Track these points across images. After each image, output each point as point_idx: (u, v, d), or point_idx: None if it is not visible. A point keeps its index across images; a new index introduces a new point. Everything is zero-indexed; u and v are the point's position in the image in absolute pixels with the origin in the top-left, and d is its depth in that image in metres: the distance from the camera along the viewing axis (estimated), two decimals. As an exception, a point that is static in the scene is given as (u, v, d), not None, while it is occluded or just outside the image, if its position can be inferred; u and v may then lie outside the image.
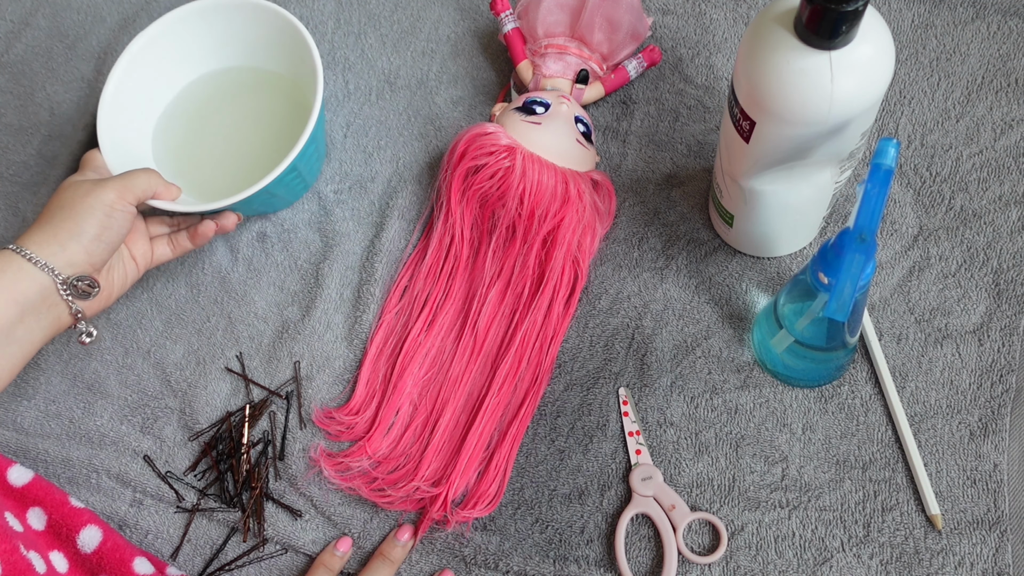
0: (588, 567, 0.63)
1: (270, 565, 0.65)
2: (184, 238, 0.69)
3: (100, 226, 0.60)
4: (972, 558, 0.61)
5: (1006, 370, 0.66)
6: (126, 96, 0.73)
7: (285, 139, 0.73)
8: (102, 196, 0.61)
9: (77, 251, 0.59)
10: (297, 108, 0.75)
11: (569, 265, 0.69)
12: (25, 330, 0.58)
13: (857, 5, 0.47)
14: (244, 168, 0.74)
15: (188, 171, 0.74)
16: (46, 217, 0.61)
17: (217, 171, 0.75)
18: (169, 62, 0.75)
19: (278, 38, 0.73)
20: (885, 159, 0.49)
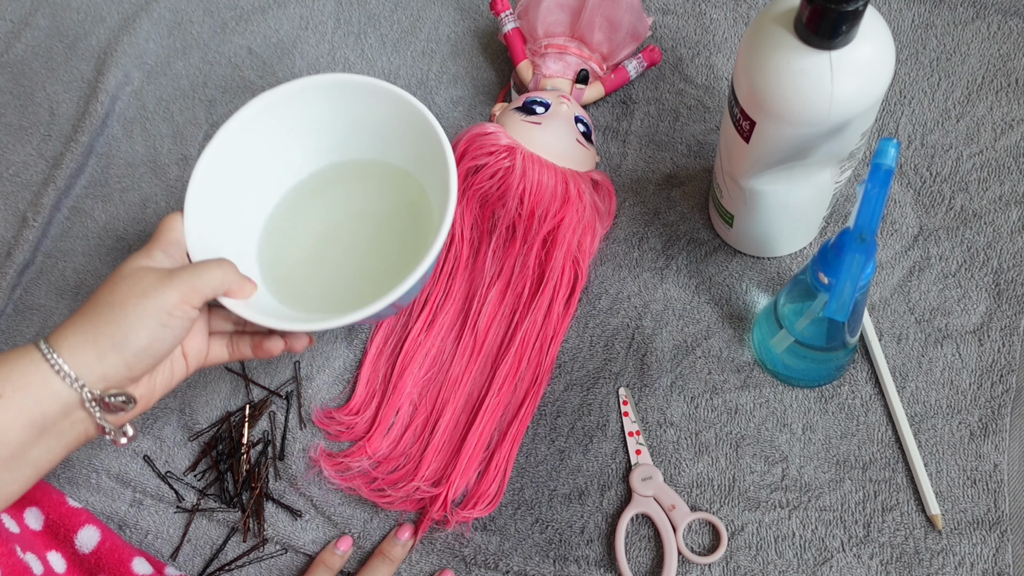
0: (588, 567, 0.63)
1: (270, 565, 0.65)
2: (246, 345, 0.59)
3: (151, 337, 0.50)
4: (972, 558, 0.61)
5: (1006, 370, 0.66)
6: (222, 171, 0.61)
7: (395, 240, 0.64)
8: (161, 300, 0.50)
9: (116, 364, 0.49)
10: (406, 202, 0.65)
11: (569, 265, 0.69)
12: (42, 450, 0.49)
13: (857, 5, 0.47)
14: (343, 274, 0.64)
15: (277, 270, 0.63)
16: (91, 310, 0.50)
17: (311, 273, 0.64)
18: (275, 141, 0.64)
19: (399, 127, 0.62)
20: (885, 159, 0.49)
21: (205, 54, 0.83)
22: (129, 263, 0.52)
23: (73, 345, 0.48)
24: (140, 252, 0.54)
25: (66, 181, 0.78)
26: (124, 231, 0.76)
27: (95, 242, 0.76)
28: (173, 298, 0.50)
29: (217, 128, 0.79)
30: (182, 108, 0.81)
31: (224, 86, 0.81)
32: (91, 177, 0.79)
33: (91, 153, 0.80)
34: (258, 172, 0.63)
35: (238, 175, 0.61)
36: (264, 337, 0.58)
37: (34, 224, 0.76)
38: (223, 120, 0.80)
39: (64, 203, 0.78)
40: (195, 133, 0.80)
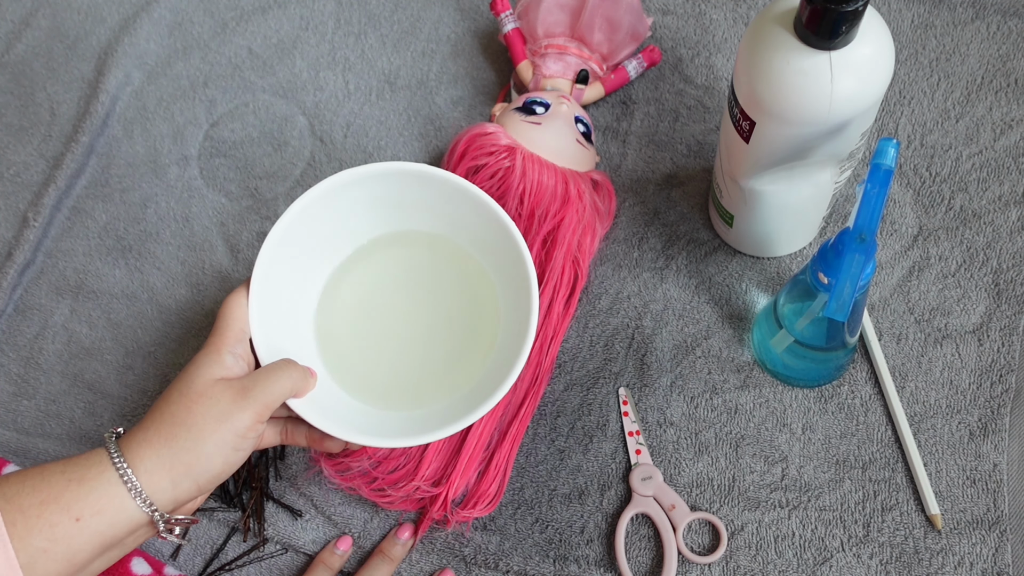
0: (588, 567, 0.63)
1: (270, 565, 0.65)
2: (300, 435, 0.56)
3: (225, 464, 0.49)
4: (972, 558, 0.61)
5: (1006, 370, 0.66)
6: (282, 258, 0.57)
7: (455, 322, 0.62)
8: (238, 424, 0.49)
9: (190, 490, 0.48)
10: (466, 282, 0.63)
11: (569, 265, 0.69)
12: (104, 560, 0.49)
13: (857, 5, 0.47)
14: (402, 359, 0.61)
15: (334, 348, 0.61)
16: (168, 429, 0.48)
17: (368, 355, 0.62)
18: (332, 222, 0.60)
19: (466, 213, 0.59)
20: (885, 159, 0.49)
21: (205, 54, 0.83)
22: (202, 372, 0.50)
23: (149, 469, 0.47)
24: (209, 352, 0.51)
25: (67, 181, 0.78)
26: (124, 231, 0.77)
27: (96, 242, 0.76)
28: (248, 421, 0.49)
29: (217, 128, 0.80)
30: (182, 108, 0.81)
31: (224, 86, 0.81)
32: (91, 177, 0.79)
33: (91, 153, 0.80)
34: (315, 254, 0.61)
35: (297, 258, 0.58)
36: (323, 434, 0.55)
37: (35, 224, 0.76)
38: (223, 120, 0.80)
39: (65, 203, 0.78)
40: (195, 133, 0.80)
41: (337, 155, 0.78)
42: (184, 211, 0.77)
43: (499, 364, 0.57)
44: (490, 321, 0.61)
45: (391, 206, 0.60)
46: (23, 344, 0.73)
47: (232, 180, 0.78)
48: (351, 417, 0.57)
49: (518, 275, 0.56)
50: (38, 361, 0.72)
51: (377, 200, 0.60)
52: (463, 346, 0.60)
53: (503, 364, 0.55)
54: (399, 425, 0.57)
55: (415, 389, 0.60)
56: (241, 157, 0.79)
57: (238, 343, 0.52)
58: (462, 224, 0.61)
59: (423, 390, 0.60)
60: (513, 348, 0.55)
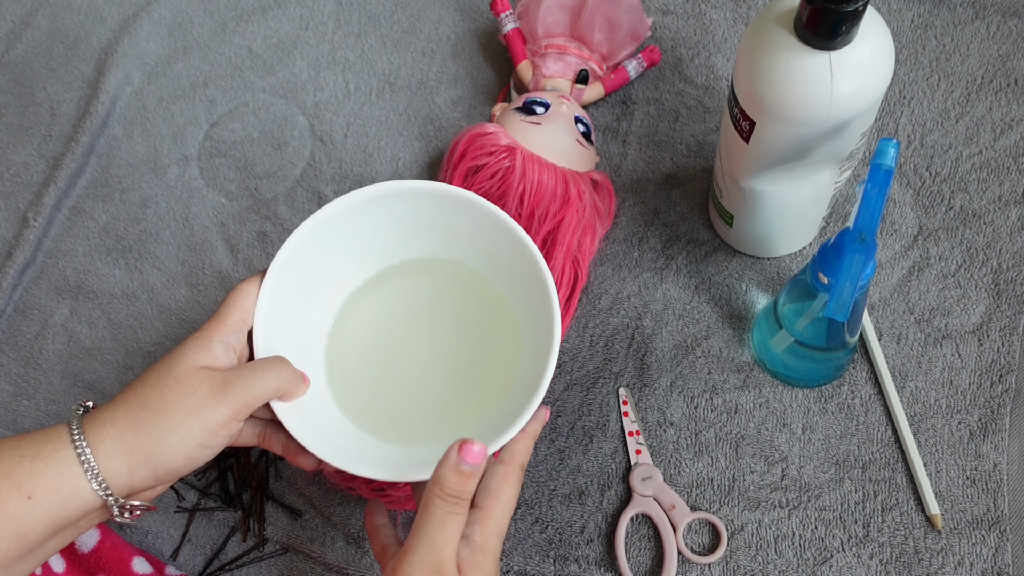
0: (588, 567, 0.63)
1: (270, 565, 0.65)
2: (277, 443, 0.53)
3: (187, 459, 0.46)
4: (972, 558, 0.61)
5: (1006, 370, 0.66)
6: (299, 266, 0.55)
7: (471, 351, 0.59)
8: (210, 419, 0.46)
9: (146, 479, 0.46)
10: (483, 308, 0.60)
11: (569, 265, 0.69)
12: (57, 542, 0.46)
13: (857, 5, 0.47)
14: (412, 387, 0.59)
15: (343, 372, 0.59)
16: (136, 410, 0.46)
17: (377, 382, 0.59)
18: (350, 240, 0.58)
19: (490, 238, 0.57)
20: (885, 159, 0.49)
21: (205, 54, 0.83)
22: (186, 357, 0.47)
23: (108, 451, 0.45)
24: (199, 338, 0.49)
25: (67, 181, 0.78)
26: (124, 231, 0.77)
27: (96, 242, 0.76)
28: (221, 417, 0.46)
29: (217, 128, 0.80)
30: (182, 108, 0.81)
31: (224, 86, 0.81)
32: (91, 177, 0.79)
33: (91, 153, 0.80)
34: (331, 270, 0.58)
35: (315, 267, 0.57)
36: (299, 447, 0.52)
37: (35, 224, 0.76)
38: (223, 120, 0.80)
39: (65, 203, 0.78)
40: (195, 133, 0.80)
41: (337, 155, 0.78)
42: (184, 211, 0.77)
43: (510, 409, 0.53)
44: (509, 360, 0.58)
45: (424, 229, 0.58)
46: (23, 344, 0.73)
47: (232, 180, 0.78)
48: (336, 438, 0.54)
49: (543, 314, 0.54)
50: (38, 361, 0.72)
51: (411, 220, 0.57)
52: (476, 383, 0.58)
53: (513, 409, 0.52)
54: (387, 457, 0.54)
55: (419, 423, 0.57)
56: (241, 157, 0.79)
57: (234, 332, 0.50)
58: (493, 257, 0.58)
59: (427, 425, 0.57)
60: (526, 393, 0.51)
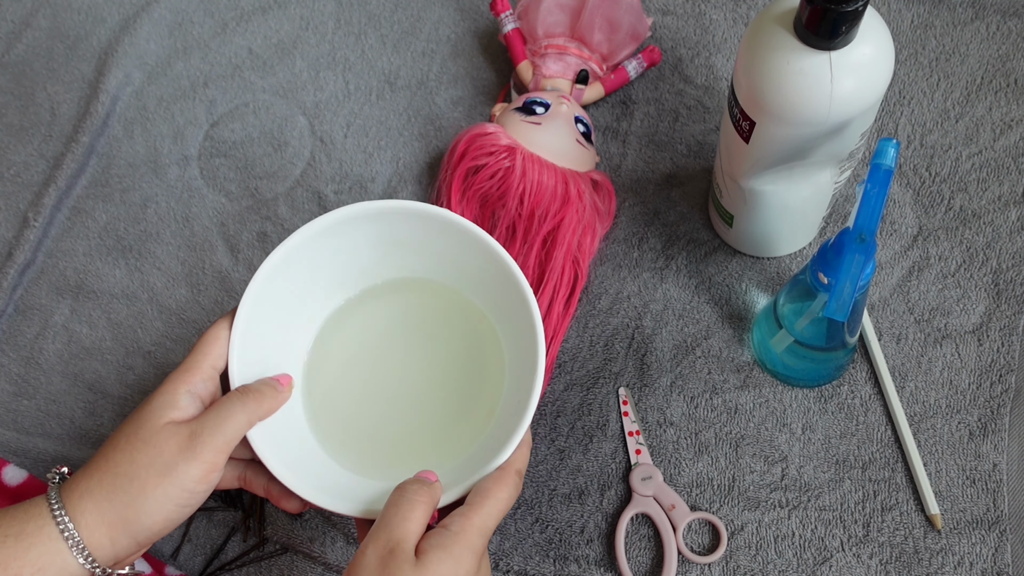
0: (588, 567, 0.63)
1: (270, 565, 0.65)
2: (260, 485, 0.52)
3: (167, 521, 0.45)
4: (971, 558, 0.61)
5: (1005, 370, 0.66)
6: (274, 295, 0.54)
7: (454, 377, 0.58)
8: (184, 478, 0.45)
9: (128, 547, 0.45)
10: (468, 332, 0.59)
11: (569, 265, 0.69)
12: None
13: (857, 5, 0.47)
14: (394, 419, 0.57)
15: (321, 404, 0.57)
16: (110, 479, 0.45)
17: (357, 413, 0.57)
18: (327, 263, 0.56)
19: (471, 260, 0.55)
20: (885, 159, 0.49)
21: (205, 54, 0.83)
22: (151, 415, 0.46)
23: (89, 524, 0.44)
24: (164, 392, 0.48)
25: (67, 181, 0.78)
26: (125, 231, 0.77)
27: (96, 242, 0.76)
28: (196, 473, 0.45)
29: (217, 128, 0.80)
30: (182, 108, 0.81)
31: (224, 86, 0.81)
32: (92, 177, 0.79)
33: (92, 153, 0.80)
34: (311, 295, 0.57)
35: (290, 296, 0.55)
36: (283, 491, 0.50)
37: (35, 224, 0.76)
38: (223, 120, 0.80)
39: (65, 203, 0.78)
40: (195, 133, 0.80)
41: (337, 155, 0.78)
42: (184, 211, 0.77)
43: (496, 434, 0.51)
44: (494, 381, 0.56)
45: (399, 249, 0.57)
46: (23, 344, 0.73)
47: (232, 180, 0.78)
48: (321, 476, 0.52)
49: (525, 332, 0.52)
50: (38, 361, 0.72)
51: (389, 240, 0.56)
52: (461, 408, 0.57)
53: (500, 435, 0.50)
54: (376, 493, 0.51)
55: (404, 454, 0.55)
56: (241, 157, 0.79)
57: (203, 381, 0.49)
58: (473, 277, 0.57)
59: (412, 456, 0.55)
60: (513, 417, 0.50)
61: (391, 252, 0.57)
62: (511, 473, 0.49)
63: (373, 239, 0.56)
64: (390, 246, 0.57)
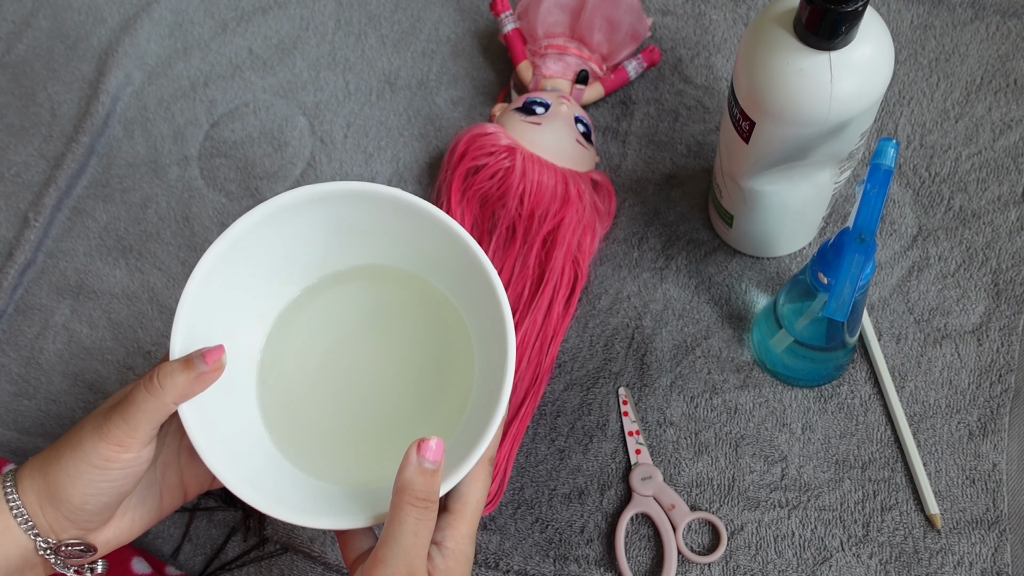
0: (588, 566, 0.63)
1: (270, 565, 0.65)
2: None
3: (86, 494, 0.45)
4: (971, 557, 0.61)
5: (1005, 370, 0.66)
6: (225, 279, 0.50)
7: (420, 373, 0.54)
8: (92, 455, 0.45)
9: (57, 518, 0.46)
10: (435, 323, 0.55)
11: (569, 265, 0.69)
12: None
13: (857, 5, 0.47)
14: (353, 419, 0.54)
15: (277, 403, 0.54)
16: (41, 460, 0.47)
17: (315, 413, 0.54)
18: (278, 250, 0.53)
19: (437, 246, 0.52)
20: (885, 159, 0.49)
21: (205, 54, 0.83)
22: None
23: (28, 498, 0.46)
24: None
25: (67, 181, 0.78)
26: (125, 231, 0.77)
27: (96, 242, 0.76)
28: (105, 451, 0.45)
29: (217, 128, 0.80)
30: (183, 108, 0.81)
31: (224, 86, 0.81)
32: (92, 177, 0.79)
33: (92, 153, 0.80)
34: (262, 282, 0.53)
35: (237, 291, 0.52)
36: None
37: (35, 224, 0.76)
38: (224, 120, 0.80)
39: (65, 203, 0.78)
40: (196, 133, 0.80)
41: (337, 155, 0.78)
42: (184, 211, 0.77)
43: (469, 427, 0.49)
44: (463, 376, 0.53)
45: (356, 235, 0.53)
46: (24, 344, 0.73)
47: (232, 180, 0.78)
48: (287, 486, 0.49)
49: (494, 324, 0.49)
50: (38, 361, 0.72)
51: (341, 226, 0.52)
52: (430, 406, 0.53)
53: (472, 427, 0.48)
54: (347, 500, 0.48)
55: (373, 456, 0.52)
56: (241, 157, 0.79)
57: None
58: (433, 260, 0.53)
59: (382, 457, 0.51)
60: (486, 411, 0.47)
61: (344, 239, 0.53)
62: (484, 465, 0.47)
63: (323, 225, 0.52)
64: (343, 232, 0.53)
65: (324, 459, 0.52)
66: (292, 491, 0.49)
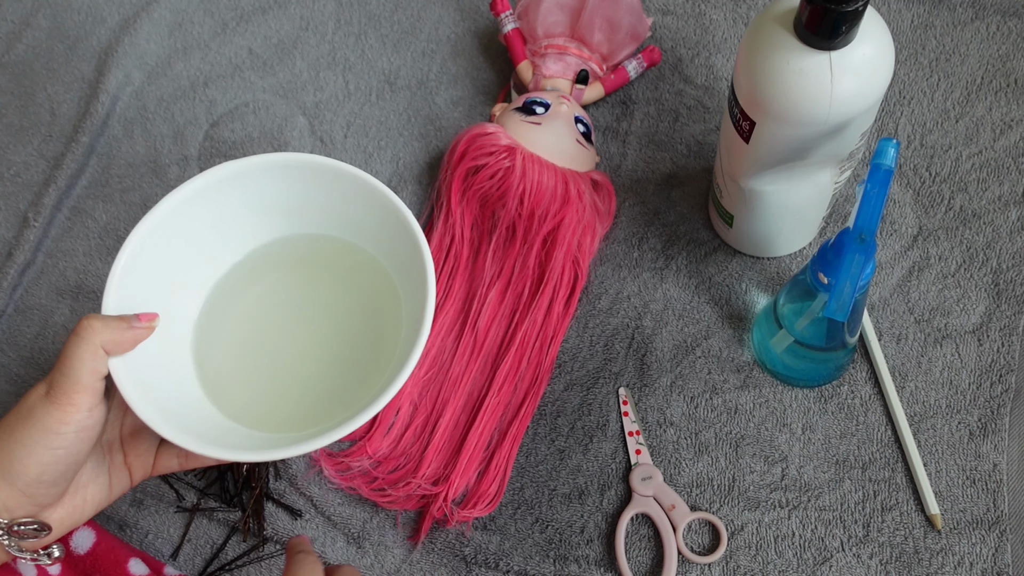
0: (588, 567, 0.63)
1: (270, 565, 0.65)
2: (171, 456, 0.54)
3: (40, 464, 0.45)
4: (971, 558, 0.61)
5: (1005, 370, 0.66)
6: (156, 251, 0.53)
7: (353, 333, 0.57)
8: (41, 421, 0.45)
9: (12, 495, 0.45)
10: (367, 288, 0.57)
11: (569, 265, 0.69)
12: None
13: (857, 5, 0.47)
14: (287, 374, 0.56)
15: (212, 364, 0.56)
16: (0, 429, 0.47)
17: (249, 371, 0.56)
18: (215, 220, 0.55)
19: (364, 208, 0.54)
20: (885, 159, 0.49)
21: (205, 54, 0.83)
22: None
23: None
24: None
25: (67, 181, 0.78)
26: (125, 231, 0.77)
27: (96, 242, 0.76)
28: (56, 412, 0.45)
29: (217, 128, 0.80)
30: (182, 108, 0.81)
31: (224, 86, 0.81)
32: (92, 177, 0.79)
33: (92, 153, 0.80)
34: (196, 253, 0.55)
35: (174, 255, 0.54)
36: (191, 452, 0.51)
37: (35, 224, 0.76)
38: (223, 120, 0.80)
39: (65, 203, 0.78)
40: (195, 133, 0.80)
41: (337, 155, 0.78)
42: (184, 211, 0.77)
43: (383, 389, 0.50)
44: (391, 338, 0.54)
45: (286, 206, 0.55)
46: (23, 344, 0.73)
47: (232, 180, 0.78)
48: (220, 434, 0.51)
49: (419, 284, 0.51)
50: (38, 361, 0.72)
51: (268, 199, 0.54)
52: (363, 366, 0.55)
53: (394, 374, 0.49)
54: (271, 441, 0.51)
55: (303, 411, 0.54)
56: (241, 157, 0.78)
57: None
58: (364, 226, 0.55)
59: (311, 413, 0.54)
60: (404, 355, 0.49)
61: (287, 211, 0.56)
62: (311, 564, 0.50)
63: (253, 198, 0.54)
64: (273, 204, 0.55)
65: (257, 415, 0.54)
66: (225, 437, 0.51)
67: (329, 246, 0.57)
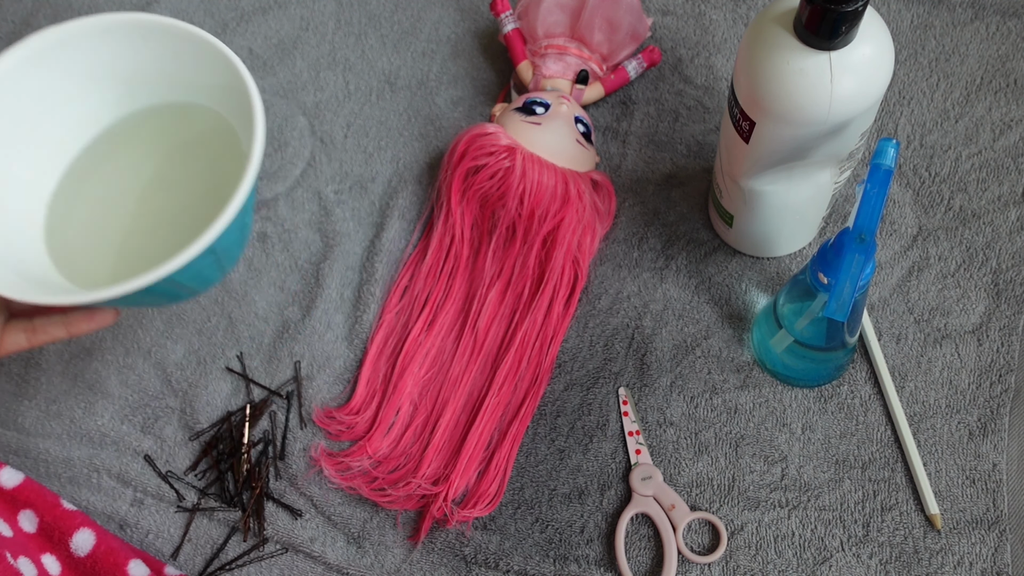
0: (588, 566, 0.63)
1: (270, 565, 0.65)
2: (57, 327, 0.54)
3: None
4: (971, 557, 0.61)
5: (1005, 370, 0.66)
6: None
7: (206, 195, 0.57)
8: None
9: None
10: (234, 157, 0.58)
11: (569, 265, 0.69)
12: None
13: (857, 5, 0.47)
14: (144, 241, 0.57)
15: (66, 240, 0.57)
16: None
17: (104, 243, 0.57)
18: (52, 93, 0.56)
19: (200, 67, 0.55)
20: (885, 159, 0.49)
21: (205, 54, 0.83)
22: None
23: None
24: None
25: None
26: None
27: (96, 242, 0.76)
28: None
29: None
30: (182, 108, 0.81)
31: (224, 86, 0.81)
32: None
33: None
34: (35, 129, 0.55)
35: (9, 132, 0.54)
36: (75, 317, 0.53)
37: (34, 224, 0.76)
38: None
39: None
40: (195, 133, 0.80)
41: (337, 155, 0.78)
42: (184, 211, 0.77)
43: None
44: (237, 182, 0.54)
45: (122, 75, 0.55)
46: (23, 344, 0.73)
47: (232, 180, 0.78)
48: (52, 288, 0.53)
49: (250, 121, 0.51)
50: (38, 361, 0.72)
51: (99, 70, 0.55)
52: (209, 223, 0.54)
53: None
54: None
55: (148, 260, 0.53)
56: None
57: None
58: (199, 82, 0.55)
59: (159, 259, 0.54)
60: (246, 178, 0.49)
61: (109, 80, 0.56)
62: None
63: (81, 70, 0.55)
64: (107, 74, 0.55)
65: (103, 275, 0.56)
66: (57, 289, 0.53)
67: (177, 115, 0.58)
